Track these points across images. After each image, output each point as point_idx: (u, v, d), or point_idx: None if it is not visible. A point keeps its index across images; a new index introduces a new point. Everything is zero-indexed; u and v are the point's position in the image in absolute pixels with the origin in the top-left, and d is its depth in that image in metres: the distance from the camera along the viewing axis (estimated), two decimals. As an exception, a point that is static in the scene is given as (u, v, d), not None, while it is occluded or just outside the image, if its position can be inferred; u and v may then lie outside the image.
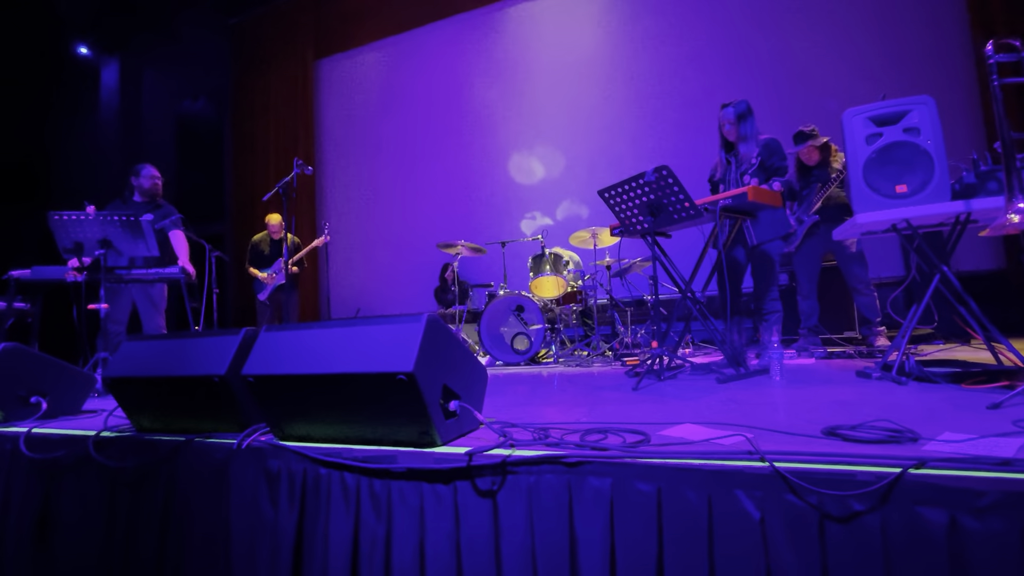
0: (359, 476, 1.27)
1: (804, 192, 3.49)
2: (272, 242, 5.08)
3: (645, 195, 2.45)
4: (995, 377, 1.82)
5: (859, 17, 4.92)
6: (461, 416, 1.39)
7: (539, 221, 6.10)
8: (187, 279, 3.45)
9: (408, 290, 6.78)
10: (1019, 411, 1.37)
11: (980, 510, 0.86)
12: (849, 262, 3.36)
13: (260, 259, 5.08)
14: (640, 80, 5.78)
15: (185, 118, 8.46)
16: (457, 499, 1.18)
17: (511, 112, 6.41)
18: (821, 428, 1.25)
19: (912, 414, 1.43)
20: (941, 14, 4.65)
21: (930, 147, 1.92)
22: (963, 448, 1.04)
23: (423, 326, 1.31)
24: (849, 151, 2.07)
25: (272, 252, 5.05)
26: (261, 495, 1.37)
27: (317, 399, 1.38)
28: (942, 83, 4.53)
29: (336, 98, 7.53)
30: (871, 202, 2.00)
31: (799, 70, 5.10)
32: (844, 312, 3.89)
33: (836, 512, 0.93)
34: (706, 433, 1.31)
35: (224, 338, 1.66)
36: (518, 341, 4.12)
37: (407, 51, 7.05)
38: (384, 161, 7.12)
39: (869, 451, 1.06)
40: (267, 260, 5.05)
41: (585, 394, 2.20)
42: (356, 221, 7.27)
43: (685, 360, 2.74)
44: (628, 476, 1.08)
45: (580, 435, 1.32)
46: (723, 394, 1.97)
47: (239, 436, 1.49)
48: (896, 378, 1.95)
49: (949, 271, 2.02)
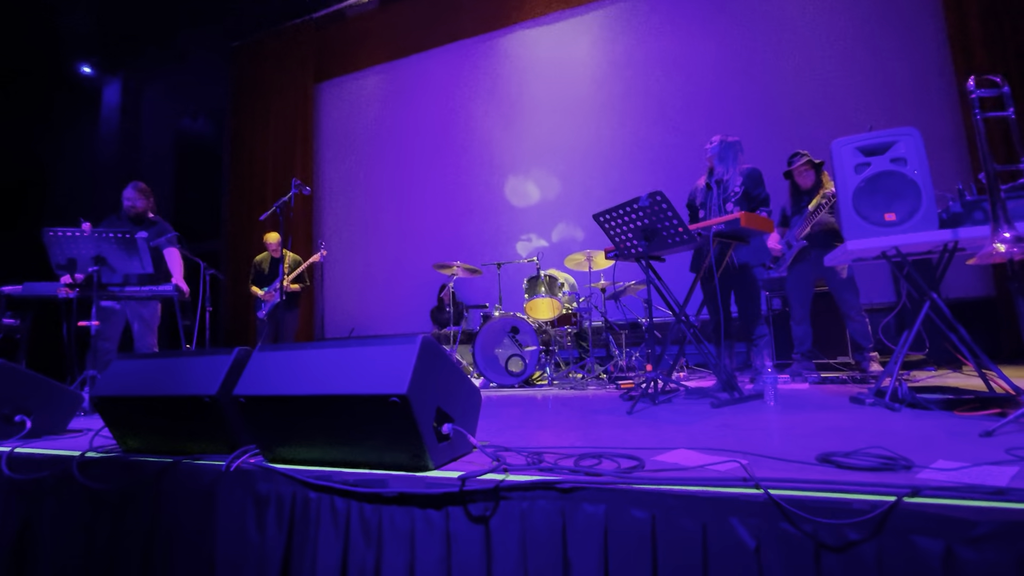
0: (349, 500, 1.25)
1: (795, 217, 3.53)
2: (272, 261, 5.12)
3: (639, 219, 2.48)
4: (987, 404, 1.83)
5: (846, 52, 5.08)
6: (454, 439, 1.38)
7: (535, 243, 6.14)
8: (180, 297, 3.43)
9: (403, 311, 6.76)
10: (1012, 439, 1.38)
11: (975, 540, 0.85)
12: (840, 288, 3.40)
13: (261, 278, 5.11)
14: (635, 107, 5.91)
15: (184, 137, 8.54)
16: (449, 525, 1.16)
17: (508, 136, 6.51)
18: (816, 455, 1.25)
19: (906, 441, 1.42)
20: (925, 50, 4.82)
21: (917, 177, 1.96)
22: (957, 477, 1.04)
23: (417, 348, 1.30)
24: (838, 179, 2.11)
25: (272, 271, 5.08)
26: (249, 519, 1.34)
27: (309, 421, 1.36)
28: (927, 115, 4.66)
29: (335, 120, 7.64)
30: (861, 230, 2.04)
31: (789, 100, 5.24)
32: (837, 337, 3.92)
33: (831, 541, 0.93)
34: (701, 459, 1.30)
35: (216, 358, 1.64)
36: (512, 363, 4.10)
37: (407, 75, 7.19)
38: (382, 182, 7.19)
39: (864, 479, 1.06)
40: (267, 279, 5.07)
41: (579, 418, 2.19)
42: (353, 241, 7.29)
43: (679, 384, 2.74)
44: (622, 502, 1.07)
45: (574, 460, 1.31)
46: (717, 419, 1.96)
47: (228, 458, 1.46)
48: (889, 404, 1.95)
49: (939, 298, 2.04)
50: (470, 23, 6.78)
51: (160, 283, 3.41)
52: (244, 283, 5.47)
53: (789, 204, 3.61)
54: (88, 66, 7.80)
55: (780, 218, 3.65)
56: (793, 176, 3.54)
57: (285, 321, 4.89)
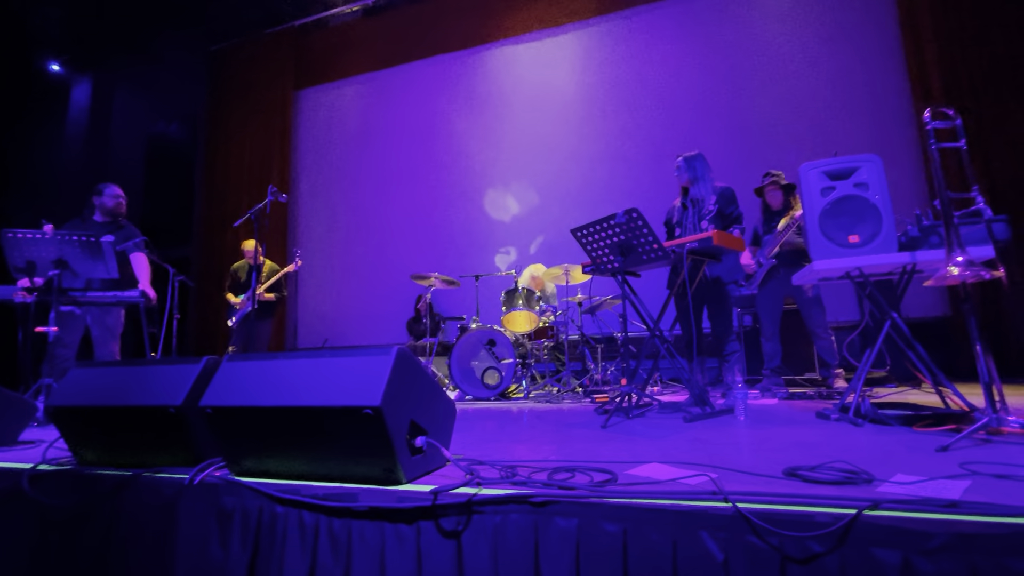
0: (318, 515, 1.22)
1: (766, 237, 3.64)
2: (250, 268, 5.02)
3: (616, 235, 2.53)
4: (943, 420, 1.90)
5: (815, 82, 5.31)
6: (428, 453, 1.36)
7: (513, 256, 6.17)
8: (147, 303, 3.32)
9: (379, 321, 6.68)
10: (965, 454, 1.44)
11: (931, 551, 0.88)
12: (808, 306, 3.50)
13: (238, 286, 5.00)
14: (614, 124, 6.04)
15: (157, 140, 8.33)
16: (420, 540, 1.14)
17: (488, 149, 6.56)
18: (783, 469, 1.28)
19: (868, 455, 1.47)
20: (887, 81, 5.07)
21: (878, 201, 2.06)
22: (914, 490, 1.08)
23: (392, 359, 1.29)
24: (806, 202, 2.19)
25: (249, 278, 4.97)
26: (211, 535, 1.29)
27: (278, 433, 1.33)
28: (888, 142, 4.89)
29: (314, 128, 7.58)
30: (827, 250, 2.12)
31: (761, 122, 5.43)
32: (805, 354, 4.03)
33: (796, 554, 0.95)
34: (672, 473, 1.31)
35: (183, 367, 1.60)
36: (488, 375, 4.09)
37: (387, 86, 7.20)
38: (360, 192, 7.14)
39: (828, 492, 1.09)
40: (244, 286, 4.97)
41: (554, 431, 2.19)
42: (329, 250, 7.19)
43: (653, 398, 2.77)
44: (595, 517, 1.07)
45: (548, 474, 1.31)
46: (689, 433, 1.99)
47: (192, 471, 1.41)
48: (853, 420, 2.01)
49: (899, 317, 2.13)
50: (452, 38, 6.85)
51: (126, 289, 3.30)
52: (215, 290, 5.34)
53: (760, 223, 3.71)
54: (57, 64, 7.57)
55: (752, 237, 3.75)
56: (764, 195, 3.65)
57: (257, 330, 4.77)
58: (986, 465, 1.28)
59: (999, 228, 1.88)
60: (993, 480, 1.15)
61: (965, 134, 1.87)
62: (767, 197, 3.63)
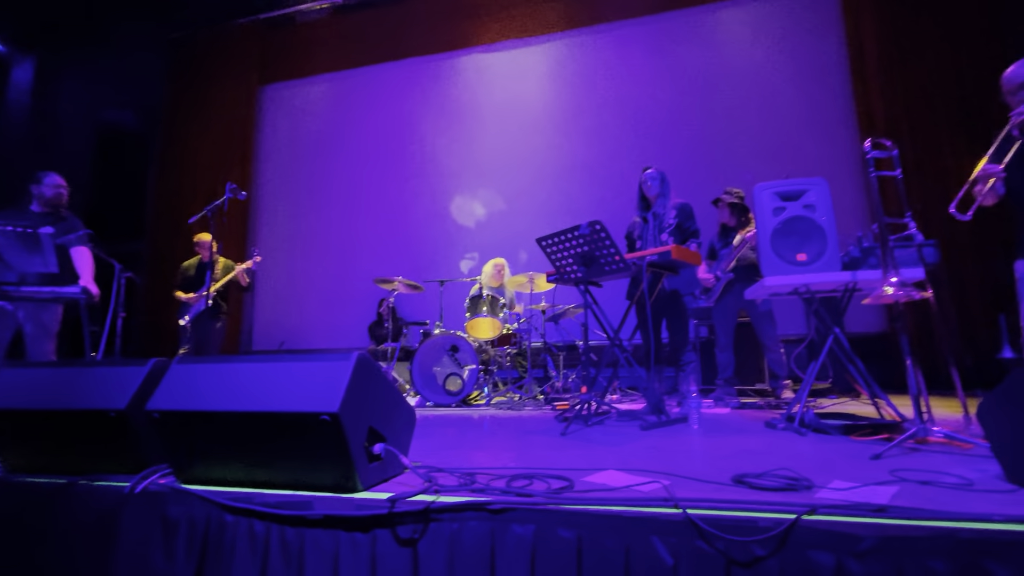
0: (270, 524, 1.19)
1: (723, 252, 3.79)
2: (201, 265, 4.75)
3: (580, 246, 2.58)
4: (878, 430, 2.03)
5: (772, 105, 5.58)
6: (386, 460, 1.35)
7: (478, 262, 6.17)
8: (89, 300, 3.14)
9: (340, 324, 6.53)
10: (896, 461, 1.54)
11: (861, 553, 0.95)
12: (760, 320, 3.66)
13: (188, 283, 4.74)
14: (582, 136, 6.15)
15: (108, 129, 7.89)
16: (375, 548, 1.13)
17: (456, 155, 6.56)
18: (731, 476, 1.34)
19: (809, 463, 1.56)
20: (837, 109, 5.39)
21: (824, 223, 2.18)
22: (848, 496, 1.15)
23: (352, 365, 1.28)
24: (759, 220, 2.31)
25: (200, 276, 4.70)
26: (154, 547, 1.23)
27: (230, 439, 1.29)
28: (837, 166, 5.18)
29: (279, 125, 7.38)
30: (777, 267, 2.23)
31: (722, 140, 5.66)
32: (756, 365, 4.20)
33: (740, 557, 0.99)
34: (627, 480, 1.35)
35: (128, 369, 1.52)
36: (450, 382, 4.07)
37: (356, 87, 7.09)
38: (324, 192, 6.99)
39: (771, 498, 1.15)
40: (195, 284, 4.70)
41: (514, 438, 2.20)
42: (289, 250, 6.99)
43: (612, 406, 2.83)
44: (551, 523, 1.09)
45: (506, 481, 1.32)
46: (645, 441, 2.04)
47: (134, 479, 1.35)
48: (798, 429, 2.12)
49: (841, 332, 2.26)
50: (423, 41, 6.82)
51: (66, 284, 3.11)
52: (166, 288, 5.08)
53: (717, 238, 3.86)
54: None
55: (708, 251, 3.89)
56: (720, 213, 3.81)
57: (210, 331, 4.56)
58: (913, 472, 1.38)
59: (929, 252, 2.03)
60: (918, 486, 1.24)
61: (901, 164, 2.02)
62: (720, 212, 3.79)
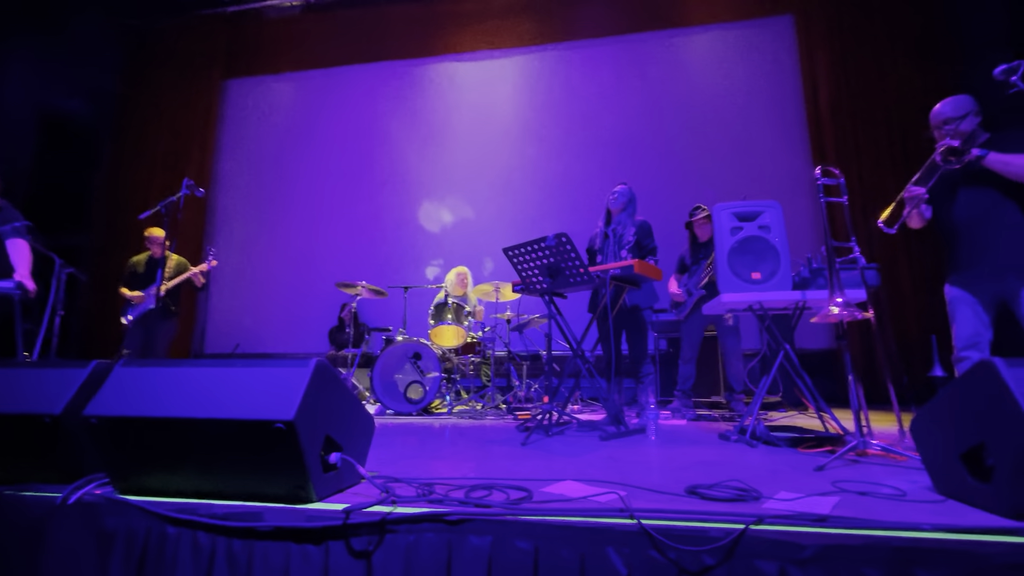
0: (216, 536, 1.14)
1: (694, 267, 3.87)
2: (151, 261, 4.48)
3: (545, 258, 2.61)
4: (823, 443, 2.13)
5: (733, 128, 5.83)
6: (342, 469, 1.32)
7: (444, 269, 6.13)
8: (23, 296, 2.94)
9: (298, 328, 6.35)
10: (838, 473, 1.62)
11: (803, 561, 0.99)
12: (726, 334, 3.77)
13: (135, 280, 4.44)
14: (549, 149, 6.24)
15: (54, 115, 7.45)
16: (328, 561, 1.10)
17: (425, 161, 6.53)
18: (685, 487, 1.37)
19: (759, 474, 1.62)
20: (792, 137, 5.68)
21: (777, 243, 2.29)
22: (793, 506, 1.20)
23: (310, 372, 1.25)
24: (717, 239, 2.39)
25: (150, 273, 4.43)
26: (87, 562, 1.16)
27: (177, 447, 1.23)
28: (793, 189, 5.44)
29: (242, 121, 7.15)
30: (733, 284, 2.32)
31: (683, 159, 5.86)
32: (712, 378, 4.34)
33: (691, 567, 1.02)
34: (585, 490, 1.37)
35: (66, 371, 1.44)
36: (412, 390, 4.01)
37: (325, 87, 6.98)
38: (287, 192, 6.81)
39: (722, 508, 1.18)
40: (142, 281, 4.42)
41: (475, 448, 2.19)
42: (248, 250, 6.76)
43: (573, 416, 2.86)
44: (508, 534, 1.09)
45: (465, 491, 1.31)
46: (604, 451, 2.07)
47: (67, 489, 1.27)
48: (749, 441, 2.20)
49: (790, 348, 2.37)
50: (395, 46, 6.79)
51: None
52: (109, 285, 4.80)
53: (688, 253, 3.94)
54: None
55: (679, 265, 3.97)
56: (693, 227, 3.89)
57: (158, 331, 4.31)
58: (852, 483, 1.45)
59: (871, 275, 2.16)
60: (857, 497, 1.31)
61: (848, 192, 2.15)
62: (696, 229, 3.85)
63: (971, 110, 2.11)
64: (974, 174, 2.05)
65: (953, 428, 1.28)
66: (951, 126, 2.09)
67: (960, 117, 2.09)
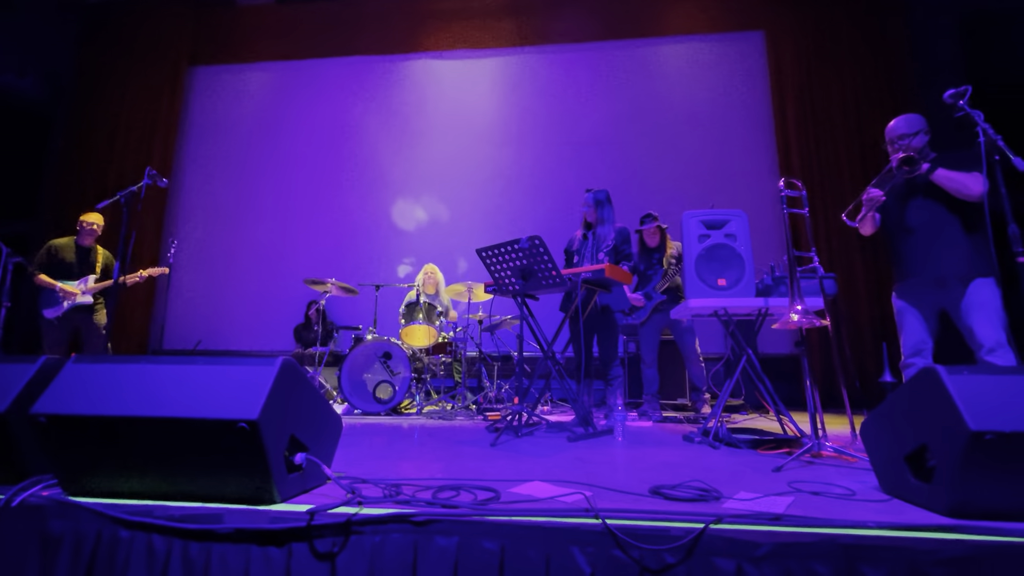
0: (172, 539, 1.10)
1: (648, 272, 3.98)
2: (80, 250, 4.01)
3: (518, 259, 2.63)
4: (781, 444, 2.21)
5: (704, 138, 5.99)
6: (307, 470, 1.30)
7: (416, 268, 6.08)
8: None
9: (264, 326, 6.18)
10: (794, 474, 1.69)
11: (758, 559, 1.03)
12: (682, 334, 3.88)
13: (59, 269, 3.95)
14: (525, 152, 6.27)
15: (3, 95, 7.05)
16: (290, 563, 1.08)
17: (400, 158, 6.46)
18: (649, 487, 1.41)
19: (720, 475, 1.67)
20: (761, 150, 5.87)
21: (742, 251, 2.37)
22: (750, 506, 1.24)
23: (276, 370, 1.23)
24: (686, 245, 2.46)
25: (83, 263, 3.97)
26: (30, 566, 1.10)
27: (133, 447, 1.19)
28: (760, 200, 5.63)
29: (210, 110, 6.92)
30: (700, 290, 2.38)
31: (654, 166, 5.98)
32: (678, 381, 4.44)
33: (653, 565, 1.05)
34: (552, 491, 1.38)
35: (12, 366, 1.37)
36: (381, 390, 3.96)
37: (298, 79, 6.82)
38: (255, 186, 6.62)
39: (684, 508, 1.22)
40: (69, 272, 3.95)
41: (444, 448, 2.19)
42: (211, 244, 6.54)
43: (542, 418, 2.88)
44: (475, 534, 1.09)
45: (433, 492, 1.31)
46: (572, 452, 2.10)
47: (10, 491, 1.20)
48: (712, 443, 2.26)
49: (753, 353, 2.45)
50: (372, 40, 6.70)
51: (-62, 267, 2.72)
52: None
53: (639, 259, 4.04)
54: None
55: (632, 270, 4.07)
56: (643, 235, 4.00)
57: (91, 328, 3.93)
58: (807, 484, 1.52)
59: (829, 284, 2.25)
60: (810, 496, 1.37)
61: (810, 204, 2.24)
62: (646, 237, 3.97)
63: (922, 128, 2.23)
64: (922, 187, 2.18)
65: (899, 431, 1.36)
66: (904, 141, 2.22)
67: (912, 134, 2.22)
